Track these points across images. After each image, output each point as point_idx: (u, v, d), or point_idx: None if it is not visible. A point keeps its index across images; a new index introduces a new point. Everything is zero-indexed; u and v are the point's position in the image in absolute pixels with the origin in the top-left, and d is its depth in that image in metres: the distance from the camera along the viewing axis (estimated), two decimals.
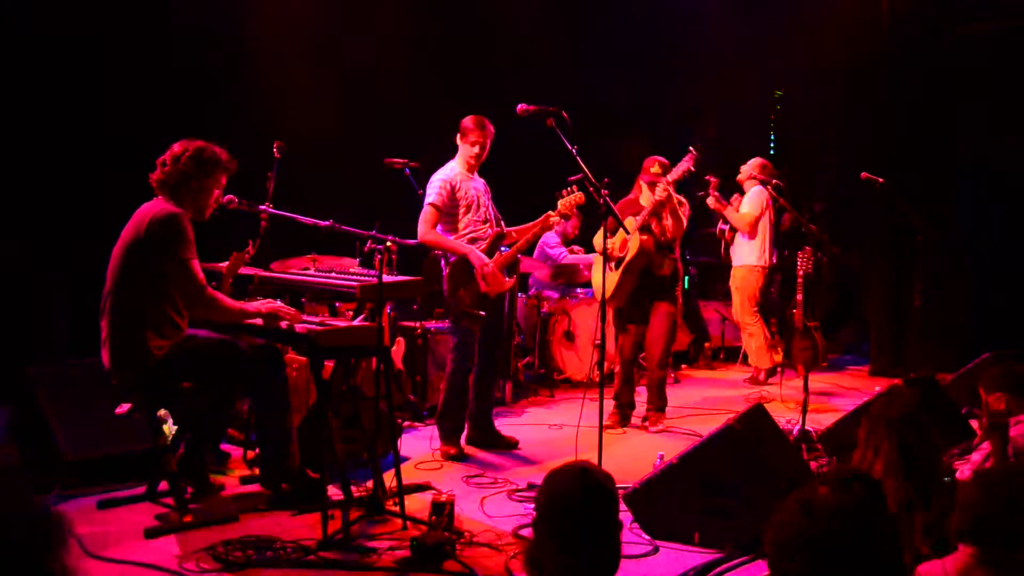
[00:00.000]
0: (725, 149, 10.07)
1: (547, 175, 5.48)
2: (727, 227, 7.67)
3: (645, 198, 5.97)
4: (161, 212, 3.99)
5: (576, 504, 2.19)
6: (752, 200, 7.38)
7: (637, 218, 5.79)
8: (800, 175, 7.80)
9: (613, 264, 5.88)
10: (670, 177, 5.68)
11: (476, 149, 5.26)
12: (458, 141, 5.35)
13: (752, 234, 7.36)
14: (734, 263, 7.60)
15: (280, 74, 6.80)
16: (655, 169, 5.90)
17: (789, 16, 8.50)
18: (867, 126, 8.37)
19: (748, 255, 7.44)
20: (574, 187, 5.18)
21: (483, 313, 5.17)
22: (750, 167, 7.46)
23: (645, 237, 5.80)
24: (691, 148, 5.69)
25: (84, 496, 4.36)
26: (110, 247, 4.10)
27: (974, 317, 8.03)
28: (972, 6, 7.76)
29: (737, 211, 7.45)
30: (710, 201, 7.44)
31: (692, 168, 5.69)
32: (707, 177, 7.30)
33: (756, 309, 7.42)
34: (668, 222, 5.84)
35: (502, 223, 5.44)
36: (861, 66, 8.38)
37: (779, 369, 7.31)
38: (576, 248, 8.06)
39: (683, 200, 5.97)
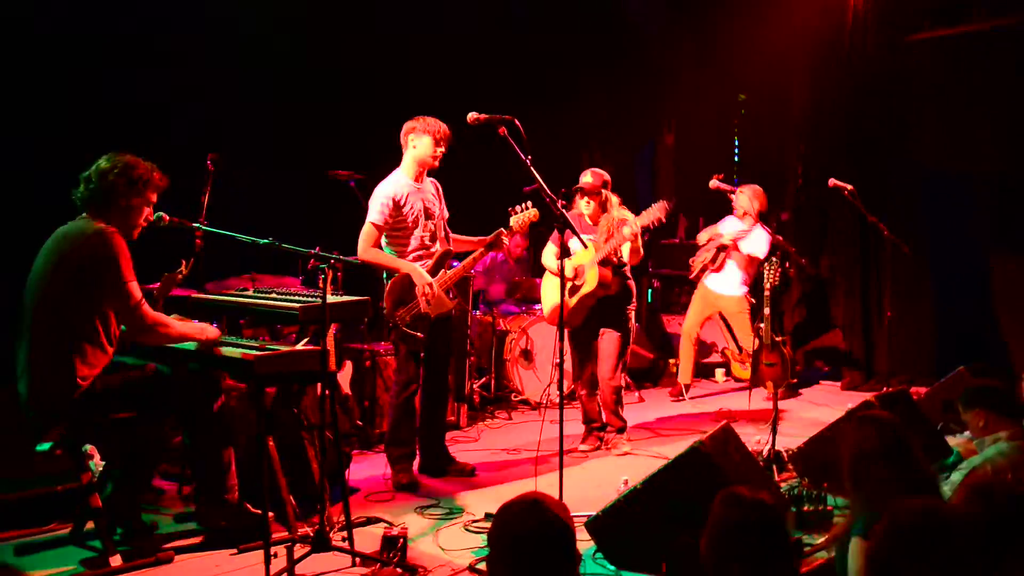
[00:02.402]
0: (686, 156, 9.99)
1: (500, 187, 5.28)
2: (717, 255, 7.35)
3: (583, 208, 5.74)
4: (91, 231, 3.79)
5: (529, 539, 2.21)
6: (762, 241, 7.16)
7: (594, 243, 5.55)
8: (766, 183, 7.66)
9: (569, 290, 5.67)
10: (640, 223, 5.46)
11: (440, 149, 5.02)
12: (406, 145, 5.09)
13: (750, 271, 7.22)
14: (723, 291, 7.35)
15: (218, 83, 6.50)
16: (588, 179, 5.69)
17: (752, 20, 8.41)
18: (832, 134, 8.29)
19: (740, 287, 7.30)
20: (528, 203, 5.02)
21: (421, 335, 4.95)
22: (750, 200, 7.17)
23: (604, 270, 5.59)
24: (665, 200, 5.52)
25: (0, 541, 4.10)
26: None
27: (943, 328, 7.93)
28: (933, 12, 7.72)
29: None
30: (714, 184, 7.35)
31: (664, 220, 5.52)
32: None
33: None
34: (626, 253, 5.67)
35: (450, 236, 5.24)
36: (824, 72, 8.30)
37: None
38: None
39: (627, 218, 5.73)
